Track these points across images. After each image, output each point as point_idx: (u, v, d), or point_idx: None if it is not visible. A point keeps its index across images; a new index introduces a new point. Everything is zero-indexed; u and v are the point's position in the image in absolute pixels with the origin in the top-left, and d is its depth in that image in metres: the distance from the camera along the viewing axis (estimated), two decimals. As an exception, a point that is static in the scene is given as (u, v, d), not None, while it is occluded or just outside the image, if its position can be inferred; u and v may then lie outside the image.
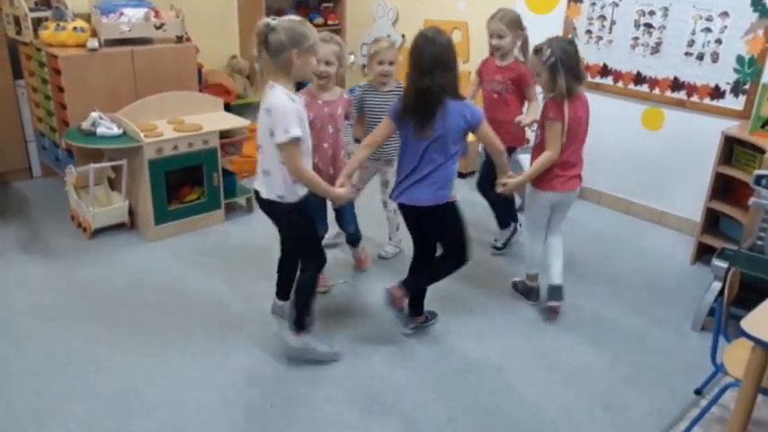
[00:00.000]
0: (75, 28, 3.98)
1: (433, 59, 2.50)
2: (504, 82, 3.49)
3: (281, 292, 2.93)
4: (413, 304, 2.97)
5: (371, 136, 2.76)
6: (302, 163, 2.46)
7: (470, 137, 2.81)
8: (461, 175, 5.00)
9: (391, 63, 3.23)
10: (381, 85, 3.31)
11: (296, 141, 2.38)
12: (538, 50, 2.89)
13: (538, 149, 3.02)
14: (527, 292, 3.32)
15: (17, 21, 4.15)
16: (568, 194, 3.09)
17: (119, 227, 3.89)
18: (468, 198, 3.92)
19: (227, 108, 4.57)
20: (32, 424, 2.40)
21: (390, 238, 3.76)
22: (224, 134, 3.95)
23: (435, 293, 3.09)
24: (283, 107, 2.36)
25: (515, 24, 3.42)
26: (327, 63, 2.95)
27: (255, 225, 4.11)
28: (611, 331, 3.11)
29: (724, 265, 2.96)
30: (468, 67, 5.12)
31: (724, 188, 3.67)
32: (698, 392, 2.67)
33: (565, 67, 2.81)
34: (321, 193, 2.63)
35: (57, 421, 2.41)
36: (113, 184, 4.01)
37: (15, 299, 3.19)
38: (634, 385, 2.73)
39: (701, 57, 3.85)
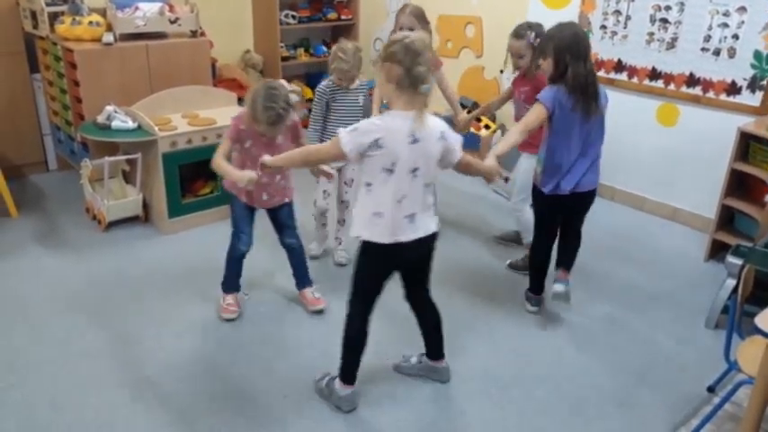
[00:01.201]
0: (90, 22, 4.02)
1: (586, 47, 2.70)
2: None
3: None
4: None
5: (525, 123, 2.73)
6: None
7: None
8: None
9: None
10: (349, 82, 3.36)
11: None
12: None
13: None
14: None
15: (34, 15, 4.19)
16: None
17: (133, 220, 3.93)
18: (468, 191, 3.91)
19: (241, 102, 4.59)
20: (49, 412, 2.43)
21: (341, 243, 3.64)
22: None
23: (452, 285, 3.08)
24: None
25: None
26: None
27: (267, 219, 4.11)
28: (623, 328, 3.10)
29: (738, 262, 2.94)
30: (481, 62, 5.12)
31: (739, 185, 3.64)
32: (711, 390, 2.66)
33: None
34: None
35: (73, 409, 2.45)
36: (128, 178, 4.05)
37: (32, 290, 3.23)
38: (647, 382, 2.72)
39: (717, 52, 3.81)
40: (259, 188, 2.84)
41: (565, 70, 2.69)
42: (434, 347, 2.64)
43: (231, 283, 3.08)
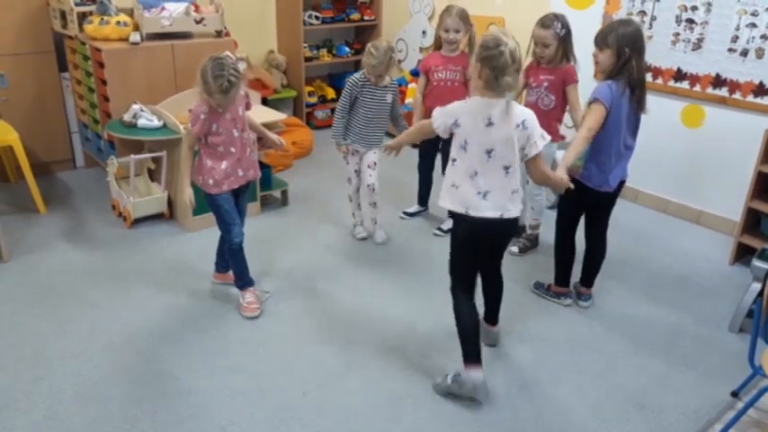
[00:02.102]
0: (118, 22, 4.08)
1: (644, 44, 2.76)
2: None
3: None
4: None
5: (588, 128, 2.72)
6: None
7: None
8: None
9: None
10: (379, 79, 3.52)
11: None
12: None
13: None
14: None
15: (63, 15, 4.27)
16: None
17: (158, 217, 3.98)
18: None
19: (264, 102, 4.64)
20: (74, 404, 2.48)
21: (376, 222, 3.86)
22: (261, 127, 4.00)
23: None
24: None
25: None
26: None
27: (290, 218, 4.17)
28: (646, 330, 3.07)
29: (764, 265, 2.89)
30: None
31: (766, 187, 3.58)
32: (735, 395, 2.62)
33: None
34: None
35: (97, 402, 2.49)
36: (153, 175, 4.11)
37: (58, 284, 3.29)
38: (669, 385, 2.70)
39: (744, 53, 3.76)
40: (234, 166, 2.89)
41: (624, 64, 2.71)
42: (492, 313, 2.84)
43: (244, 278, 3.09)
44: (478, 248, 2.54)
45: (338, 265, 3.56)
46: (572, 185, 2.67)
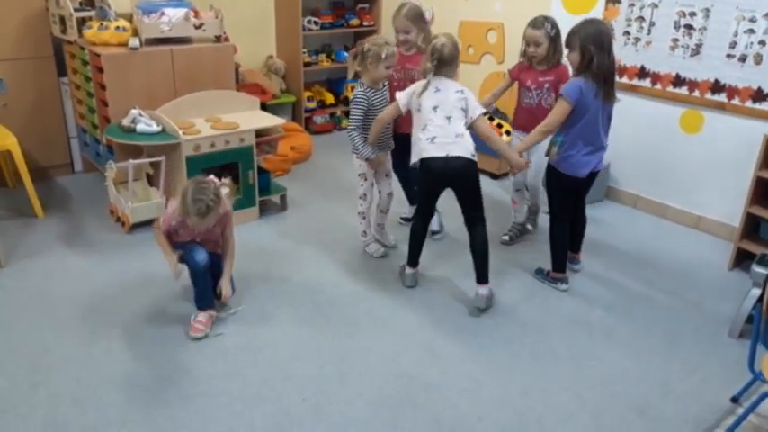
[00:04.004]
0: (117, 27, 4.09)
1: (609, 41, 3.01)
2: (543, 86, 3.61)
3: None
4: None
5: (547, 123, 3.10)
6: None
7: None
8: (494, 177, 4.99)
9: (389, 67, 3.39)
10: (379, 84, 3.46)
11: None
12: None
13: None
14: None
15: (62, 20, 4.27)
16: None
17: (156, 222, 3.97)
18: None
19: (263, 107, 4.63)
20: (72, 409, 2.47)
21: (384, 228, 3.86)
22: (260, 133, 4.00)
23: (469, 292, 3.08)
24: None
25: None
26: None
27: (289, 223, 4.16)
28: (646, 336, 3.06)
29: (764, 271, 2.88)
30: (502, 68, 5.11)
31: (765, 193, 3.58)
32: (734, 400, 2.62)
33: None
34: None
35: (96, 407, 2.48)
36: (151, 180, 4.10)
37: (57, 289, 3.28)
38: (669, 392, 2.69)
39: (743, 58, 3.77)
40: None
41: (590, 61, 2.97)
42: (479, 271, 3.18)
43: (204, 300, 2.99)
44: (434, 186, 3.17)
45: (337, 271, 3.56)
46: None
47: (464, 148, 3.03)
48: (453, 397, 2.61)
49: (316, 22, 5.84)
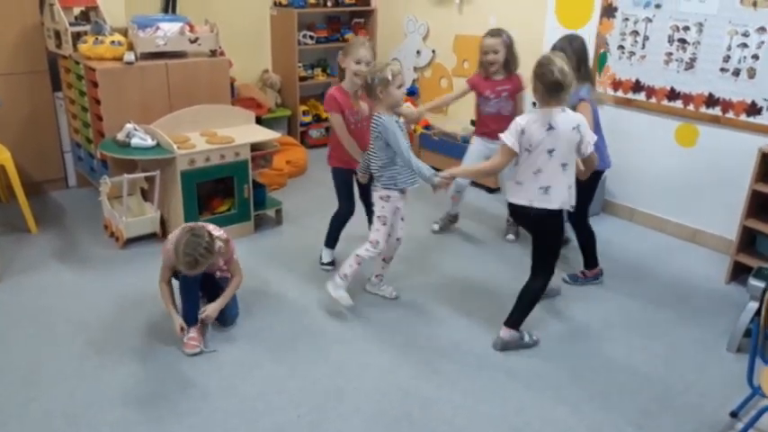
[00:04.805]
0: (112, 42, 4.08)
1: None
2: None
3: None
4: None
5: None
6: None
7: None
8: (490, 191, 5.00)
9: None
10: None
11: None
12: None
13: None
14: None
15: (57, 35, 4.27)
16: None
17: (150, 237, 3.95)
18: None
19: (259, 121, 4.63)
20: (65, 426, 2.43)
21: (382, 279, 3.49)
22: (255, 147, 3.99)
23: (464, 306, 3.06)
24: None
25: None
26: None
27: (284, 237, 4.14)
28: (643, 350, 3.05)
29: (761, 284, 2.88)
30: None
31: (761, 206, 3.59)
32: (734, 415, 2.60)
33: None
34: None
35: (89, 424, 2.45)
36: (146, 195, 4.08)
37: (50, 304, 3.25)
38: (667, 406, 2.67)
39: (737, 72, 3.79)
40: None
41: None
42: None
43: (188, 317, 2.95)
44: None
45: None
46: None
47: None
48: (449, 413, 2.58)
49: (311, 37, 5.86)
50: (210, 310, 2.95)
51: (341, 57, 3.42)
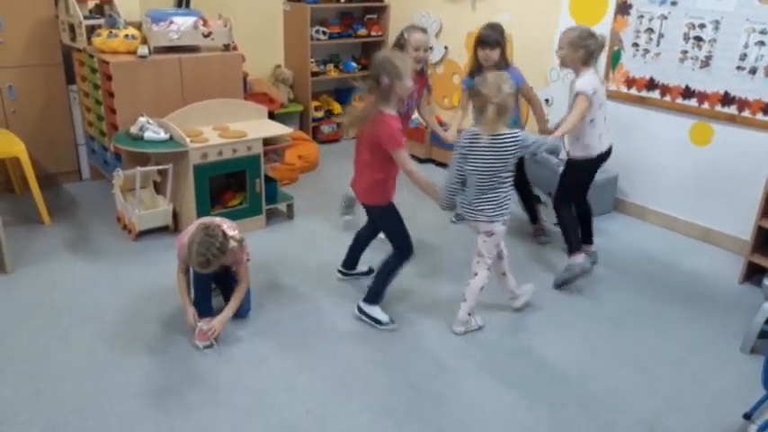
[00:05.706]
0: (126, 35, 4.10)
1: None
2: None
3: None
4: None
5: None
6: None
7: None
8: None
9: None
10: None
11: None
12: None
13: None
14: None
15: (72, 28, 4.29)
16: None
17: (163, 230, 3.96)
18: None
19: (271, 116, 4.63)
20: (73, 418, 2.45)
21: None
22: (267, 141, 4.00)
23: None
24: None
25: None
26: None
27: (295, 232, 4.14)
28: (655, 351, 3.02)
29: (776, 285, 2.86)
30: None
31: (776, 206, 3.55)
32: (747, 417, 2.57)
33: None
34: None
35: (97, 417, 2.46)
36: (159, 188, 4.10)
37: (62, 296, 3.27)
38: (679, 408, 2.64)
39: (753, 71, 3.74)
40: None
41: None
42: (585, 234, 3.70)
43: (201, 306, 2.99)
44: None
45: (342, 282, 3.53)
46: None
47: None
48: (459, 410, 2.58)
49: (324, 32, 5.85)
50: (217, 322, 2.92)
51: (387, 79, 2.77)
